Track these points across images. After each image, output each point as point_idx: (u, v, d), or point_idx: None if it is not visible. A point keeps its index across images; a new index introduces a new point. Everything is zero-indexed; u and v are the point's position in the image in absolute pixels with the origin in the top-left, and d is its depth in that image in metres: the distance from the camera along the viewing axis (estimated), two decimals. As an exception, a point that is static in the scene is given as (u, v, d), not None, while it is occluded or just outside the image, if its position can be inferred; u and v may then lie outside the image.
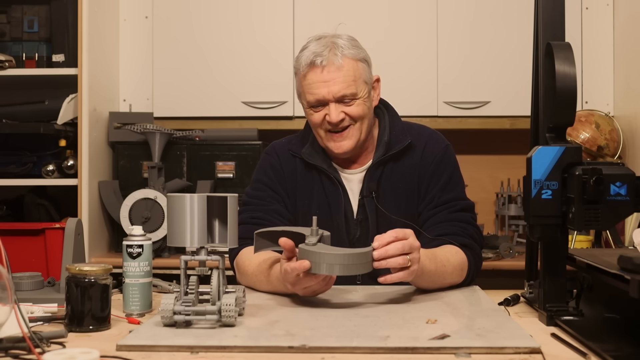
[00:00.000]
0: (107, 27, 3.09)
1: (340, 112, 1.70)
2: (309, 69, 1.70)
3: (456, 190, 1.78)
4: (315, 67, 1.69)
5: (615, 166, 1.29)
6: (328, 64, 1.68)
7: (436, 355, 1.11)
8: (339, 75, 1.68)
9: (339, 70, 1.68)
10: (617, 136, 2.95)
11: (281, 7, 3.13)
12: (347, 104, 1.71)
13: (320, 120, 1.72)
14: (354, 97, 1.70)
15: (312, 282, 1.42)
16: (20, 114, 2.97)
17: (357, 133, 1.73)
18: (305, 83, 1.72)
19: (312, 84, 1.70)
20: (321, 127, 1.74)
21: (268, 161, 1.84)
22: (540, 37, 1.41)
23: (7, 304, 1.12)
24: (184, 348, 1.14)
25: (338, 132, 1.72)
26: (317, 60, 1.68)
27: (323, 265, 1.37)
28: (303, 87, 1.73)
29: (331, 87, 1.68)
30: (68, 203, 2.93)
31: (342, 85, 1.68)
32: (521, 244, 3.09)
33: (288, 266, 1.41)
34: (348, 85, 1.69)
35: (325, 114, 1.71)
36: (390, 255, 1.40)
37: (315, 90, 1.70)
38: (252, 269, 1.64)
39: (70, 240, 1.55)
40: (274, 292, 1.58)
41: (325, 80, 1.68)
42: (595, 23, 3.14)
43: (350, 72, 1.69)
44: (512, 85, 3.05)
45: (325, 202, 1.77)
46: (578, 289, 1.41)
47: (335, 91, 1.68)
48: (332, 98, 1.69)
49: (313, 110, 1.73)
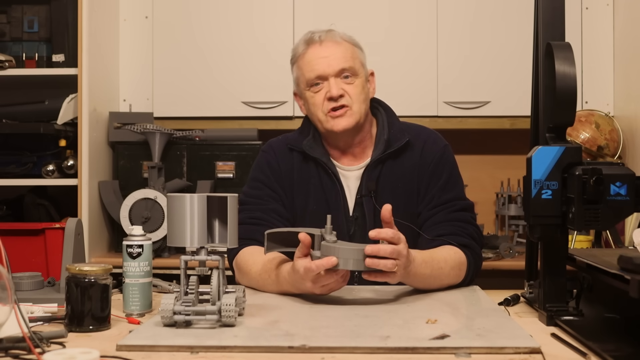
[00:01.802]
0: (107, 27, 3.09)
1: (340, 87, 1.72)
2: (307, 46, 1.74)
3: (455, 190, 1.78)
4: (313, 44, 1.73)
5: (615, 166, 1.29)
6: (326, 39, 1.73)
7: (436, 355, 1.11)
8: (337, 50, 1.72)
9: (337, 46, 1.73)
10: (617, 136, 2.96)
11: (281, 7, 3.13)
12: (347, 81, 1.73)
13: (321, 100, 1.73)
14: (353, 73, 1.73)
15: (332, 279, 1.43)
16: (20, 114, 2.97)
17: (356, 114, 1.74)
18: (303, 62, 1.75)
19: (311, 60, 1.73)
20: (321, 108, 1.74)
21: (265, 159, 1.84)
22: (540, 37, 1.41)
23: (7, 304, 1.13)
24: (184, 348, 1.14)
25: (338, 109, 1.73)
26: (315, 36, 1.73)
27: (349, 260, 1.39)
28: (302, 68, 1.76)
29: (331, 61, 1.72)
30: (68, 203, 2.93)
31: (341, 59, 1.72)
32: (521, 244, 3.09)
33: (313, 264, 1.40)
34: (346, 60, 1.72)
35: (325, 92, 1.73)
36: (381, 256, 1.40)
37: (315, 66, 1.72)
38: (257, 269, 1.63)
39: (70, 240, 1.55)
40: (281, 292, 1.57)
41: (325, 55, 1.72)
42: (595, 23, 3.14)
43: (349, 50, 1.74)
44: (512, 85, 3.05)
45: (323, 198, 1.77)
46: (578, 289, 1.41)
47: (335, 65, 1.71)
48: (332, 72, 1.72)
49: (313, 91, 1.74)
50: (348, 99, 1.73)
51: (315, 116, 1.77)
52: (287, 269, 1.52)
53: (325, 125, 1.75)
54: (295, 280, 1.49)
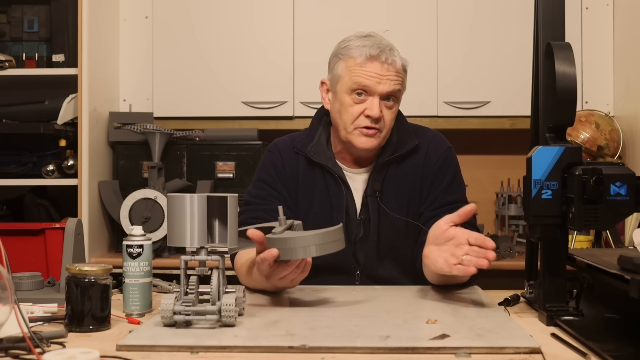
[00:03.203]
0: (107, 27, 3.09)
1: (380, 110, 1.71)
2: (371, 60, 1.70)
3: (458, 193, 1.79)
4: (377, 61, 1.69)
5: (615, 166, 1.28)
6: (392, 63, 1.70)
7: (436, 355, 1.11)
8: (394, 75, 1.71)
9: (396, 72, 1.71)
10: (617, 136, 2.96)
11: (281, 7, 3.13)
12: (387, 105, 1.72)
13: (358, 112, 1.71)
14: (396, 100, 1.73)
15: (285, 271, 1.41)
16: (20, 114, 2.97)
17: (382, 140, 1.75)
18: (359, 69, 1.71)
19: (368, 72, 1.70)
20: (354, 121, 1.72)
21: (270, 159, 1.84)
22: (540, 37, 1.41)
23: (7, 304, 1.12)
24: (184, 348, 1.14)
25: (371, 128, 1.72)
26: (383, 57, 1.69)
27: (290, 250, 1.36)
28: (353, 71, 1.71)
29: (384, 82, 1.70)
30: (68, 203, 2.93)
31: (393, 84, 1.70)
32: (521, 244, 3.09)
33: (258, 258, 1.40)
34: (397, 84, 1.71)
35: (364, 109, 1.71)
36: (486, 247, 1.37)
37: (370, 79, 1.69)
38: (245, 269, 1.64)
39: (70, 240, 1.55)
40: (261, 289, 1.59)
41: (382, 74, 1.70)
42: (595, 23, 3.14)
43: (401, 76, 1.74)
44: (512, 85, 3.05)
45: (327, 201, 1.77)
46: (578, 289, 1.41)
47: (387, 87, 1.70)
48: (380, 92, 1.70)
49: (353, 99, 1.72)
50: (382, 124, 1.72)
51: (343, 121, 1.75)
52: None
53: (350, 138, 1.74)
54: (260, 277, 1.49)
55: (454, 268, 1.39)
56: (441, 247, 1.46)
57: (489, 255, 1.36)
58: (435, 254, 1.46)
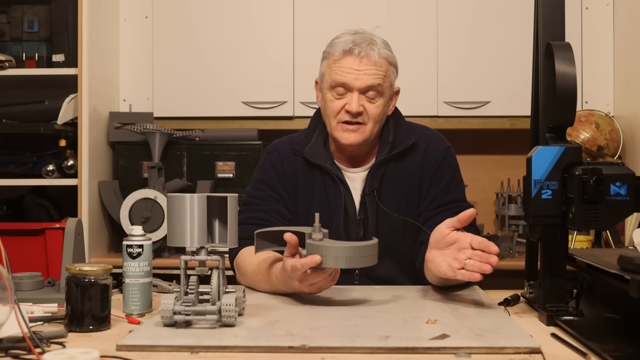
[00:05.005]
0: (107, 27, 3.09)
1: (360, 104, 1.70)
2: (345, 55, 1.70)
3: (457, 192, 1.79)
4: (351, 55, 1.70)
5: (615, 166, 1.28)
6: (365, 56, 1.69)
7: (436, 355, 1.11)
8: (372, 68, 1.70)
9: (373, 65, 1.70)
10: (617, 136, 2.96)
11: (281, 7, 3.13)
12: (369, 99, 1.71)
13: (339, 107, 1.72)
14: (378, 93, 1.71)
15: (319, 277, 1.42)
16: (20, 114, 2.97)
17: (367, 133, 1.73)
18: (336, 65, 1.72)
19: (344, 68, 1.70)
20: (336, 116, 1.73)
21: (269, 160, 1.84)
22: (540, 37, 1.41)
23: (7, 304, 1.12)
24: (184, 348, 1.14)
25: (352, 124, 1.72)
26: (356, 50, 1.69)
27: (332, 258, 1.38)
28: (332, 68, 1.72)
29: (361, 77, 1.69)
30: (68, 203, 2.93)
31: (371, 77, 1.69)
32: (521, 244, 3.09)
33: (298, 262, 1.40)
34: (377, 78, 1.70)
35: (345, 104, 1.71)
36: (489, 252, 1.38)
37: (346, 75, 1.70)
38: (252, 268, 1.64)
39: (70, 240, 1.55)
40: (274, 292, 1.58)
41: (358, 69, 1.69)
42: (595, 23, 3.14)
43: (382, 69, 1.72)
44: (512, 85, 3.05)
45: (326, 202, 1.77)
46: (578, 289, 1.41)
47: (364, 81, 1.69)
48: (358, 87, 1.70)
49: (334, 95, 1.72)
50: (365, 117, 1.72)
51: (327, 118, 1.77)
52: (278, 269, 1.53)
53: (335, 134, 1.75)
54: (285, 279, 1.49)
55: (459, 273, 1.40)
56: (444, 252, 1.46)
57: (491, 260, 1.37)
58: (439, 259, 1.46)
